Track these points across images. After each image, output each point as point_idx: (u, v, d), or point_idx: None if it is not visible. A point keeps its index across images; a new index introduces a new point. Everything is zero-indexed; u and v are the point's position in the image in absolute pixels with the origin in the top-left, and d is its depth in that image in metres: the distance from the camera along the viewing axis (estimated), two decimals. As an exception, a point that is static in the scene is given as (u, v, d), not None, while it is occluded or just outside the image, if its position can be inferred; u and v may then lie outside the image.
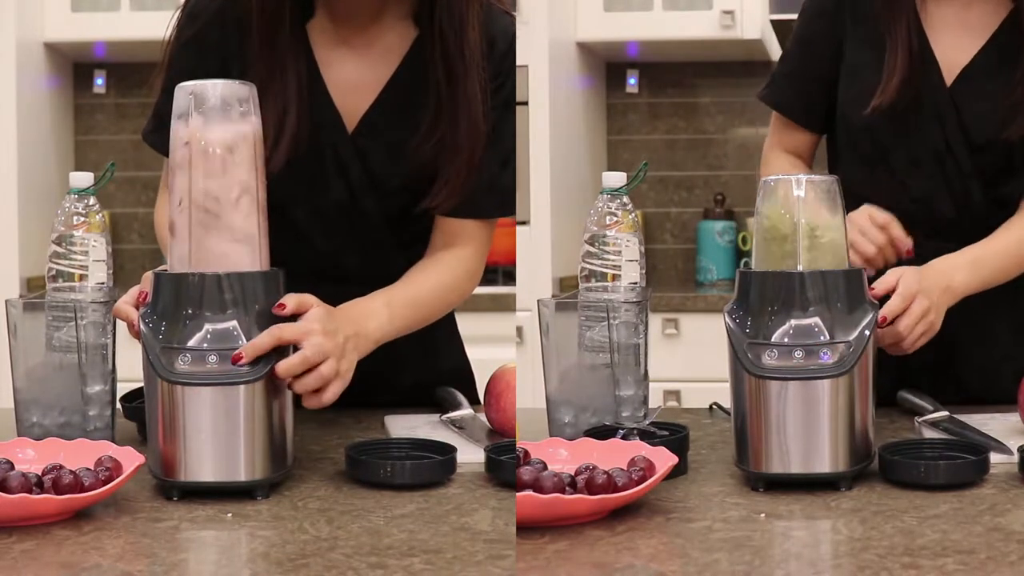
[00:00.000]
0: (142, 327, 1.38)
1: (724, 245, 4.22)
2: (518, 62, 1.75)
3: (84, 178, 1.58)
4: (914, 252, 1.76)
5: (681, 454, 1.43)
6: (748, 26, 3.89)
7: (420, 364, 1.85)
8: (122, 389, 1.65)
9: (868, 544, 1.18)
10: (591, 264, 1.58)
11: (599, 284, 1.57)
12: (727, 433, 1.51)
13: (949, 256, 1.73)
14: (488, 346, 2.26)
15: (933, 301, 1.64)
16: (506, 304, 3.68)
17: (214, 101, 1.40)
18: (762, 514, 1.29)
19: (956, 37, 1.82)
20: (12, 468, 1.32)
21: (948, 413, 1.68)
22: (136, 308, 1.43)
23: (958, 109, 1.79)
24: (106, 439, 1.51)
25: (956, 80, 1.80)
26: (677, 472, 1.41)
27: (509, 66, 1.74)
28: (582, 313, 1.56)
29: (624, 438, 1.45)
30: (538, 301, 1.57)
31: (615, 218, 1.57)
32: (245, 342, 1.36)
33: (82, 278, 1.56)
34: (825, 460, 1.37)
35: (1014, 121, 1.76)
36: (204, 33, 1.72)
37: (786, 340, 1.38)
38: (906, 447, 1.46)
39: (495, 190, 1.75)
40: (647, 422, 1.51)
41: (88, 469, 1.32)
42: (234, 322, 1.37)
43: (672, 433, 1.47)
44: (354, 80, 1.73)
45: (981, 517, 1.26)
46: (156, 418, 1.36)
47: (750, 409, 1.39)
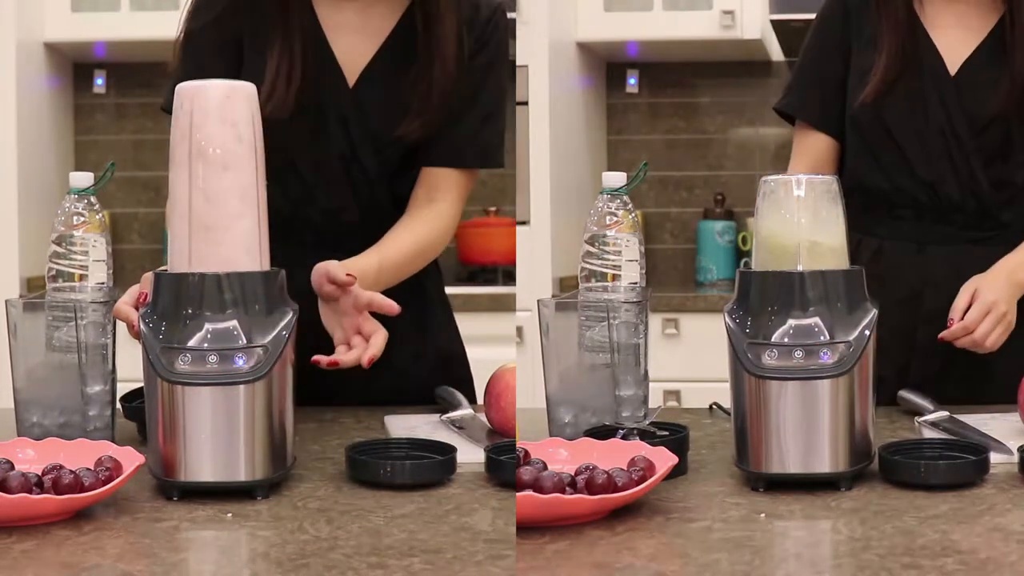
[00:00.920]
0: (142, 327, 1.38)
1: (724, 245, 4.22)
2: (518, 62, 1.77)
3: (84, 178, 1.58)
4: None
5: (681, 454, 1.43)
6: (748, 26, 3.89)
7: (414, 341, 1.89)
8: (122, 389, 1.65)
9: (868, 544, 1.18)
10: (591, 264, 1.58)
11: (599, 284, 1.57)
12: (727, 433, 1.51)
13: (1006, 259, 1.86)
14: (488, 346, 2.26)
15: (1007, 301, 1.82)
16: (506, 304, 3.68)
17: (214, 100, 1.40)
18: (762, 514, 1.29)
19: (955, 33, 1.91)
20: (12, 468, 1.32)
21: (948, 413, 1.68)
22: (136, 309, 1.44)
23: (960, 91, 1.89)
24: (106, 439, 1.51)
25: (959, 69, 1.89)
26: (677, 472, 1.41)
27: (491, 31, 1.85)
28: (582, 313, 1.56)
29: (624, 438, 1.45)
30: (538, 301, 1.57)
31: (615, 218, 1.57)
32: (245, 342, 1.36)
33: (82, 278, 1.56)
34: (825, 460, 1.37)
35: (1012, 100, 1.86)
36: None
37: (786, 340, 1.38)
38: (906, 447, 1.45)
39: (476, 142, 1.85)
40: (647, 422, 1.51)
41: (88, 469, 1.32)
42: (234, 322, 1.37)
43: (672, 433, 1.47)
44: (354, 36, 1.81)
45: (981, 517, 1.26)
46: (156, 418, 1.36)
47: (750, 409, 1.39)
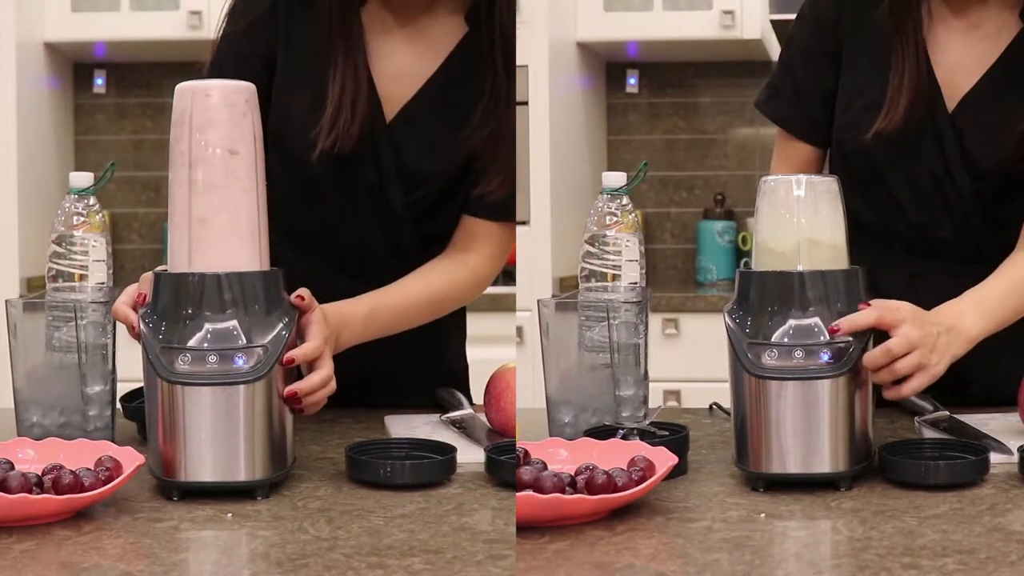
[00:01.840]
0: (142, 327, 1.38)
1: (724, 245, 4.22)
2: (518, 62, 1.76)
3: (84, 178, 1.58)
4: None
5: (681, 454, 1.43)
6: (748, 26, 3.89)
7: (421, 363, 1.86)
8: (122, 389, 1.65)
9: (868, 544, 1.18)
10: (591, 264, 1.58)
11: (599, 284, 1.57)
12: (727, 433, 1.51)
13: (952, 302, 1.57)
14: (488, 346, 2.26)
15: (936, 349, 1.47)
16: (506, 304, 3.68)
17: (215, 101, 1.40)
18: (762, 514, 1.29)
19: (961, 57, 1.76)
20: (12, 468, 1.32)
21: (948, 413, 1.68)
22: (134, 309, 1.44)
23: (959, 134, 1.75)
24: (106, 439, 1.51)
25: (958, 105, 1.75)
26: (677, 472, 1.41)
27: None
28: (582, 313, 1.56)
29: (624, 438, 1.45)
30: (538, 301, 1.57)
31: (615, 218, 1.57)
32: (245, 342, 1.36)
33: (82, 278, 1.56)
34: (825, 460, 1.37)
35: (1016, 148, 1.71)
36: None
37: (786, 340, 1.38)
38: (906, 447, 1.45)
39: (513, 193, 1.76)
40: (647, 422, 1.51)
41: (88, 469, 1.32)
42: (234, 322, 1.37)
43: (672, 433, 1.47)
44: (399, 70, 1.75)
45: (981, 517, 1.26)
46: (156, 418, 1.36)
47: (750, 409, 1.39)
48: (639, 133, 4.39)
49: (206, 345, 1.35)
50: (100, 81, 4.25)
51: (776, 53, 4.14)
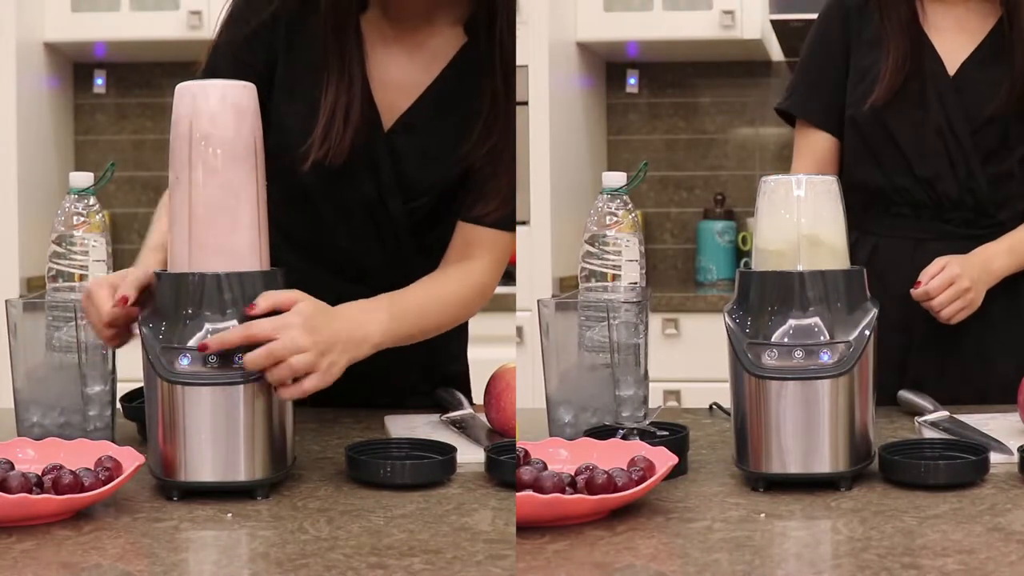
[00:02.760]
0: (142, 327, 1.38)
1: (724, 245, 4.22)
2: (519, 62, 1.76)
3: (84, 178, 1.59)
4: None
5: (681, 454, 1.43)
6: (748, 26, 3.89)
7: (421, 363, 1.85)
8: (122, 389, 1.65)
9: (868, 544, 1.18)
10: (591, 264, 1.58)
11: (599, 284, 1.57)
12: (727, 433, 1.51)
13: (985, 246, 1.89)
14: (488, 346, 2.26)
15: (974, 280, 1.83)
16: (506, 304, 3.68)
17: (216, 101, 1.40)
18: (762, 514, 1.29)
19: (954, 36, 1.94)
20: (12, 468, 1.32)
21: (948, 413, 1.68)
22: (114, 307, 1.42)
23: (959, 91, 1.92)
24: (106, 439, 1.51)
25: (958, 69, 1.93)
26: (677, 472, 1.41)
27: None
28: (582, 313, 1.56)
29: (624, 438, 1.45)
30: (538, 301, 1.57)
31: (615, 218, 1.57)
32: (245, 342, 1.36)
33: (82, 278, 1.56)
34: (825, 460, 1.37)
35: (1012, 100, 1.89)
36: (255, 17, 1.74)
37: (786, 340, 1.38)
38: (906, 447, 1.46)
39: (513, 210, 1.74)
40: (647, 422, 1.51)
41: (88, 469, 1.32)
42: (234, 322, 1.37)
43: (672, 433, 1.47)
44: (397, 79, 1.74)
45: (981, 517, 1.26)
46: (156, 418, 1.36)
47: (750, 409, 1.39)
48: (639, 133, 4.39)
49: (206, 345, 1.35)
50: (100, 81, 4.25)
51: (776, 53, 4.17)
